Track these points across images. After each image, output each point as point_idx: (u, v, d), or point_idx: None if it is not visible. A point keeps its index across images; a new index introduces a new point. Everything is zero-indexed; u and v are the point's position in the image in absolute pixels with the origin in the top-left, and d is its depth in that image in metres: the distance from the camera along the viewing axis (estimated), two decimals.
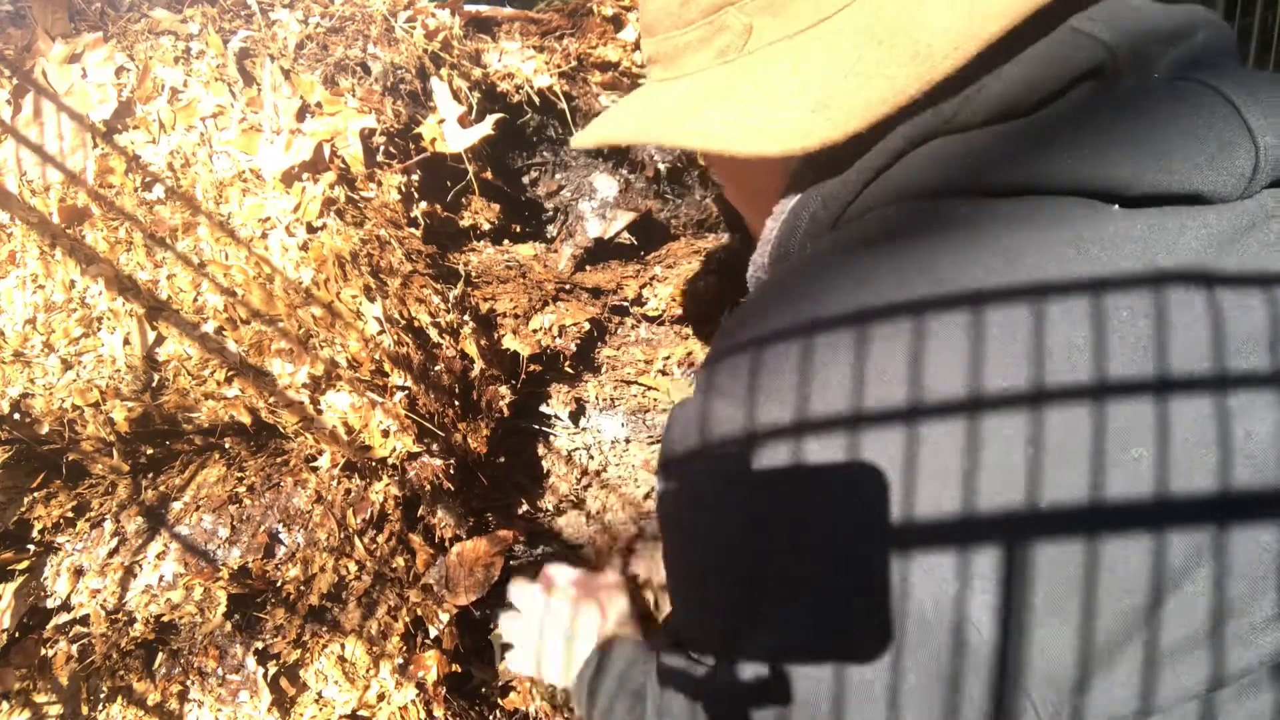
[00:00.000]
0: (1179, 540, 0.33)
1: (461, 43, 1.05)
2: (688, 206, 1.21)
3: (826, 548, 0.36)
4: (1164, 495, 0.33)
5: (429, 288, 0.94)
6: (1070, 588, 0.33)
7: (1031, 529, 0.33)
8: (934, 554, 0.34)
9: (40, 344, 0.87)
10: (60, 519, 0.88)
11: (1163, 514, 0.33)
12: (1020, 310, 0.34)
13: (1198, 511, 0.33)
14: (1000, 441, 0.33)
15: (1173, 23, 0.40)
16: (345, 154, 0.94)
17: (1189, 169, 0.35)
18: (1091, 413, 0.33)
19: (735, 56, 0.46)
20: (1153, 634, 0.34)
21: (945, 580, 0.34)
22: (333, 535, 0.88)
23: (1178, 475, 0.33)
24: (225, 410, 0.88)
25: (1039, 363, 0.34)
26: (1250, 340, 0.34)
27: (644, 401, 1.08)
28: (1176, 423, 0.33)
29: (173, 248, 0.88)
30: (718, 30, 0.45)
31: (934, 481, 0.34)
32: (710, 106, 0.46)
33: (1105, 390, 0.33)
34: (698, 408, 0.41)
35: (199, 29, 0.94)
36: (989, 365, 0.34)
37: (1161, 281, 0.34)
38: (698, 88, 0.47)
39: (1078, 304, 0.34)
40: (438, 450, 0.91)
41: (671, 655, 0.49)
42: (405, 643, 0.91)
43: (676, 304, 1.06)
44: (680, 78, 0.49)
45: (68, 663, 0.84)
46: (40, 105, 0.89)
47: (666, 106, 0.49)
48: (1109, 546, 0.33)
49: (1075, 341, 0.34)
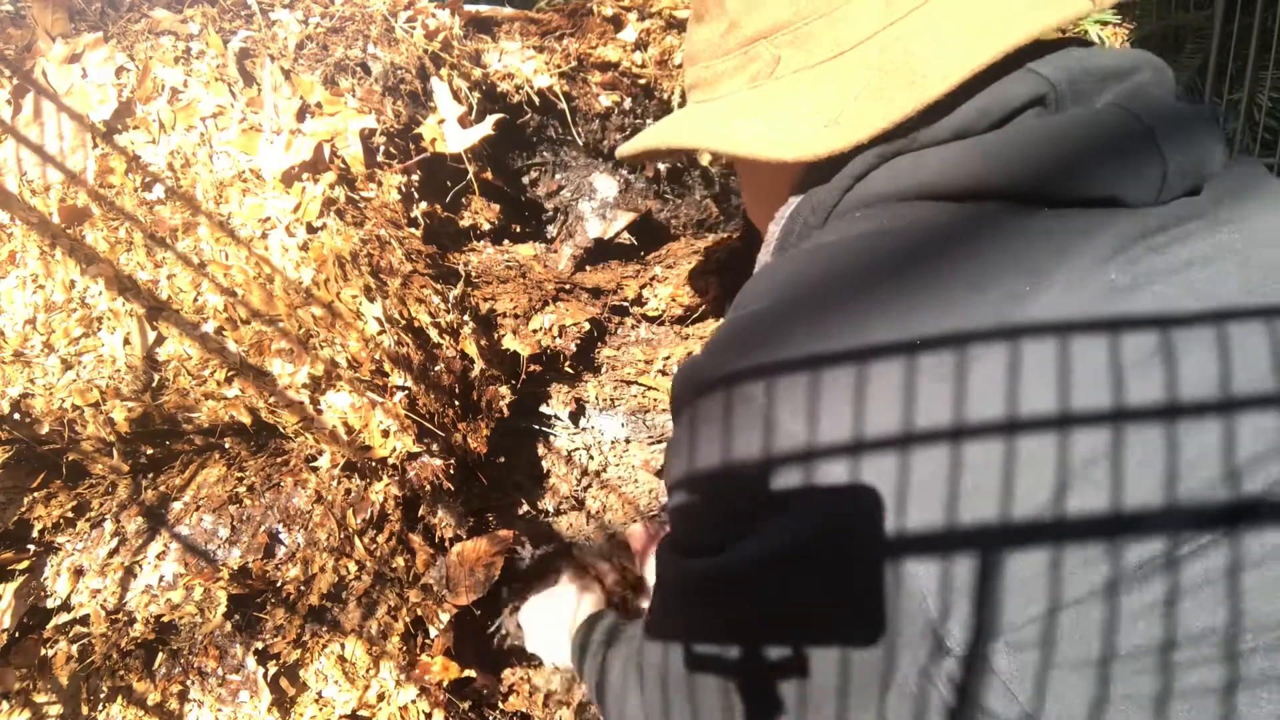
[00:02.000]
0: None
1: (461, 43, 1.05)
2: (688, 206, 1.21)
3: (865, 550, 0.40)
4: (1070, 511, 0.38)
5: (429, 288, 0.94)
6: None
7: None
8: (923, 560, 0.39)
9: (40, 344, 0.87)
10: (60, 519, 0.88)
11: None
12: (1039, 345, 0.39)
13: (1102, 526, 0.37)
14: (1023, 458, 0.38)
15: (1115, 63, 0.48)
16: (345, 154, 0.94)
17: (1109, 178, 0.42)
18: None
19: (764, 82, 0.54)
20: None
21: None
22: (333, 535, 0.88)
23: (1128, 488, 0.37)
24: (225, 410, 0.88)
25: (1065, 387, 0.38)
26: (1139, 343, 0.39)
27: (644, 401, 1.08)
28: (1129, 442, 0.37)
29: (173, 248, 0.88)
30: (751, 59, 0.54)
31: (972, 497, 0.38)
32: (740, 119, 0.54)
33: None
34: (763, 415, 0.43)
35: (199, 29, 0.94)
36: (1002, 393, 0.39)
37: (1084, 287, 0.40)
38: (730, 106, 0.56)
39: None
40: (438, 450, 0.91)
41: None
42: (405, 643, 0.91)
43: (676, 304, 1.06)
44: (716, 99, 0.58)
45: (68, 663, 0.84)
46: (40, 105, 0.89)
47: (702, 120, 0.58)
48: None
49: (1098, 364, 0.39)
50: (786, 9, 0.51)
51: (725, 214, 1.23)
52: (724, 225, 1.22)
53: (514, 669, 1.01)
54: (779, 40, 0.52)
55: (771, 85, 0.54)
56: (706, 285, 1.07)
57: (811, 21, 0.50)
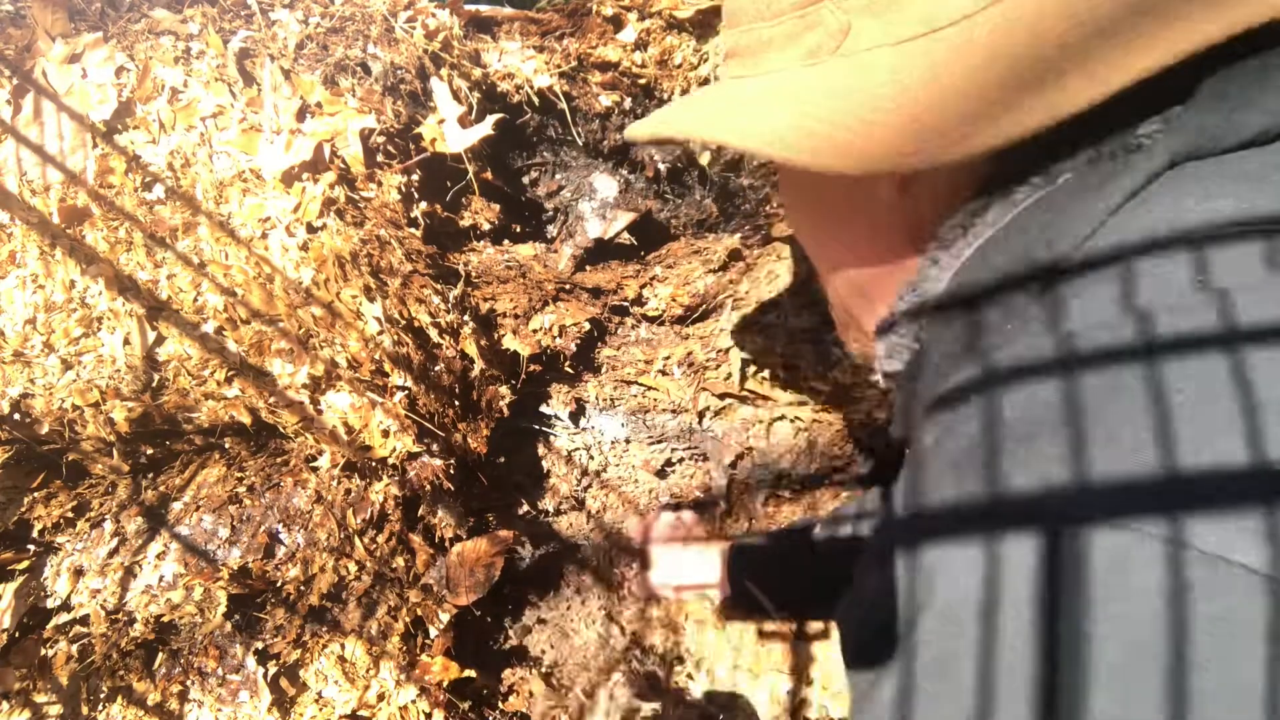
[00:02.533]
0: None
1: (461, 43, 1.05)
2: (688, 206, 1.21)
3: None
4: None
5: (429, 288, 0.94)
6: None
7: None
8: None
9: (40, 344, 0.87)
10: (60, 519, 0.88)
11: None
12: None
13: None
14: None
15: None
16: (345, 154, 0.94)
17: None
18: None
19: (826, 59, 0.39)
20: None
21: None
22: (333, 535, 0.88)
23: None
24: (225, 410, 0.88)
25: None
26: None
27: (644, 401, 1.08)
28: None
29: (173, 248, 0.88)
30: (810, 26, 0.39)
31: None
32: (785, 108, 0.39)
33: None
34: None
35: (199, 29, 0.94)
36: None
37: None
38: (777, 87, 0.41)
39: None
40: (438, 450, 0.91)
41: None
42: (405, 643, 0.91)
43: (676, 304, 1.06)
44: (759, 76, 0.43)
45: (68, 663, 0.84)
46: (40, 105, 0.89)
47: (734, 103, 0.43)
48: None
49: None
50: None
51: (725, 214, 1.23)
52: (724, 225, 1.22)
53: (514, 669, 1.01)
54: (850, 3, 0.37)
55: (835, 64, 0.39)
56: (706, 285, 1.07)
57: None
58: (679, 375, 1.07)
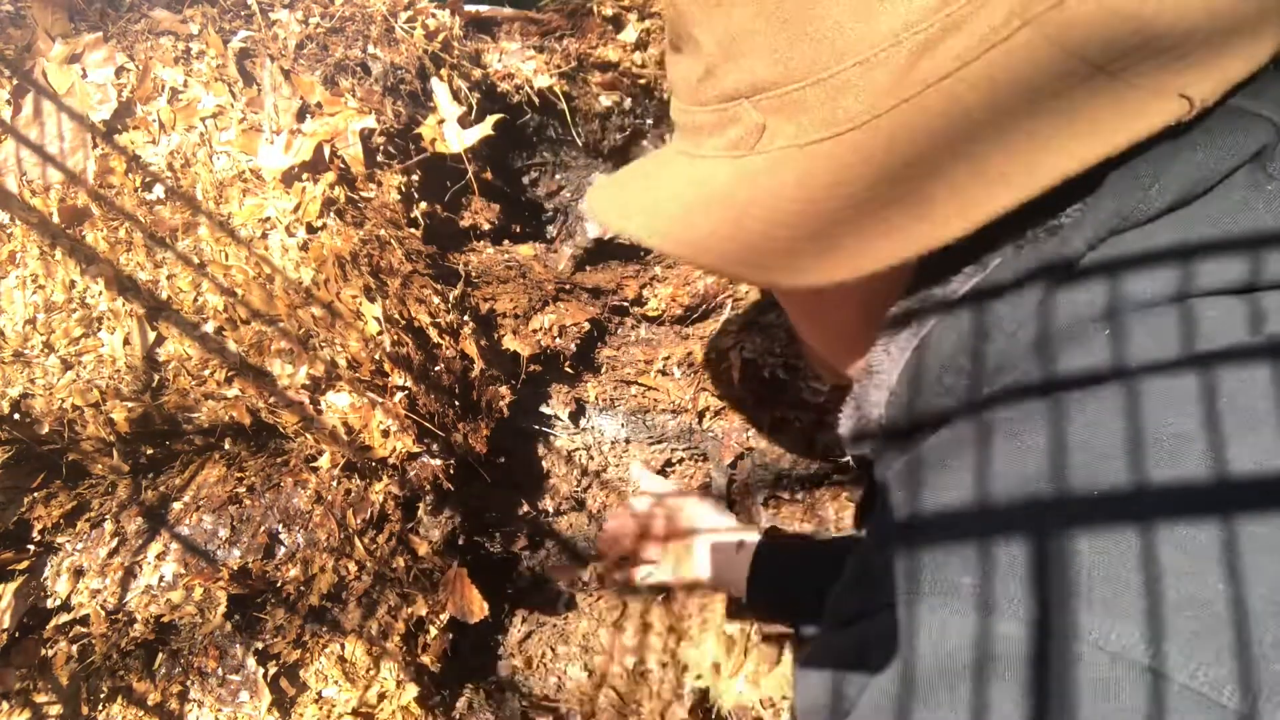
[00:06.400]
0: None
1: (461, 43, 1.05)
2: None
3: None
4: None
5: (429, 288, 0.94)
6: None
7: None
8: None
9: (40, 344, 0.87)
10: (60, 519, 0.88)
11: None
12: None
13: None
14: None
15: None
16: (345, 154, 0.94)
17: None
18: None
19: (746, 154, 0.40)
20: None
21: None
22: (333, 535, 0.88)
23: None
24: (225, 410, 0.88)
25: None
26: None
27: (644, 401, 1.08)
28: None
29: (173, 248, 0.88)
30: (731, 120, 0.40)
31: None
32: (706, 212, 0.41)
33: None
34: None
35: (199, 29, 0.94)
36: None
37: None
38: (704, 182, 0.42)
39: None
40: (438, 450, 0.91)
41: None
42: (405, 643, 0.91)
43: (676, 304, 1.06)
44: (696, 158, 0.44)
45: (68, 663, 0.84)
46: (40, 105, 0.89)
47: (675, 198, 0.43)
48: None
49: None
50: (772, 66, 0.36)
51: None
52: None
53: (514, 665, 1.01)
54: (764, 103, 0.38)
55: (755, 161, 0.39)
56: (706, 286, 1.07)
57: (805, 87, 0.36)
58: (679, 375, 1.07)
